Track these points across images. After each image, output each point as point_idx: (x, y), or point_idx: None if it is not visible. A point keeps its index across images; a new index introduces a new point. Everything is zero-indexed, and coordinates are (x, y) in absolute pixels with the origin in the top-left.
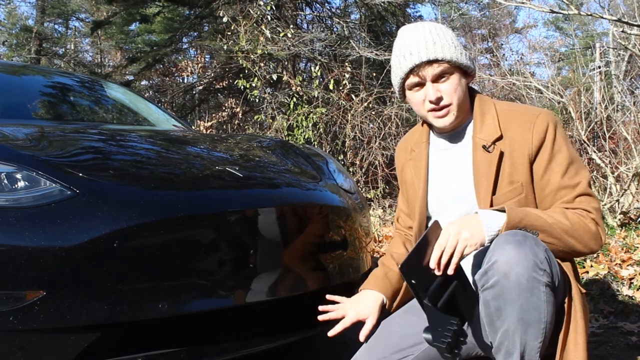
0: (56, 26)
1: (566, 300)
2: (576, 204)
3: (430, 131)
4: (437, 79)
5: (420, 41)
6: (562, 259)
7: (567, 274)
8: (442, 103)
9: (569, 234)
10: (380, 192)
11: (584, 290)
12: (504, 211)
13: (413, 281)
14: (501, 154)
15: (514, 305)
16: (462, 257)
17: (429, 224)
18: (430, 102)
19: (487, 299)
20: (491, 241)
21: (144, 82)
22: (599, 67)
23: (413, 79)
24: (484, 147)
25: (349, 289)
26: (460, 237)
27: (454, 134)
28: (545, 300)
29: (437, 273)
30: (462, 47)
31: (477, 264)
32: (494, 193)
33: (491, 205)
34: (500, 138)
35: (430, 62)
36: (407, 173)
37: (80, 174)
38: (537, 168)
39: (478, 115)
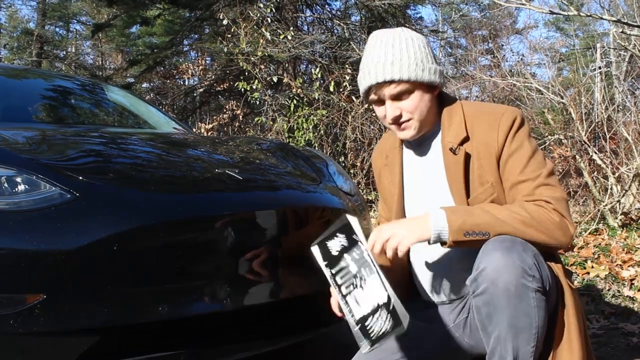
0: (57, 29)
1: (559, 302)
2: (536, 196)
3: None
4: (396, 97)
5: (380, 60)
6: (551, 259)
7: (558, 276)
8: (402, 120)
9: (527, 224)
10: None
11: (574, 286)
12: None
13: (325, 262)
14: (467, 155)
15: (504, 312)
16: (395, 251)
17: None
18: (390, 119)
19: (478, 305)
20: (438, 241)
21: (144, 85)
22: (600, 68)
23: (373, 97)
24: (450, 149)
25: None
26: (394, 233)
27: (423, 139)
28: (535, 306)
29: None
30: (427, 62)
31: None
32: (467, 195)
33: None
34: (467, 139)
35: (387, 83)
36: (383, 179)
37: (80, 177)
38: (500, 163)
39: (446, 120)
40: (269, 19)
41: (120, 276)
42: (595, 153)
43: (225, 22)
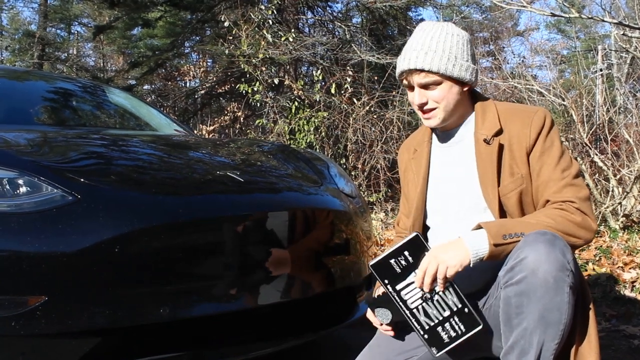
0: (58, 31)
1: (579, 302)
2: (563, 194)
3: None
4: (424, 86)
5: (415, 48)
6: None
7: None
8: (426, 107)
9: (553, 228)
10: (383, 195)
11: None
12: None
13: (386, 280)
14: (500, 146)
15: (538, 303)
16: (446, 279)
17: (428, 230)
18: (416, 104)
19: (509, 296)
20: (477, 258)
21: (146, 87)
22: (601, 70)
23: (404, 82)
24: (484, 140)
25: (351, 293)
26: (439, 260)
27: (454, 131)
28: (567, 302)
29: (425, 289)
30: (461, 58)
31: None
32: (498, 184)
33: (499, 198)
34: (500, 132)
35: (417, 71)
36: (409, 172)
37: (82, 179)
38: (531, 159)
39: (479, 114)
40: (270, 21)
41: (122, 278)
42: (597, 155)
43: (226, 24)
